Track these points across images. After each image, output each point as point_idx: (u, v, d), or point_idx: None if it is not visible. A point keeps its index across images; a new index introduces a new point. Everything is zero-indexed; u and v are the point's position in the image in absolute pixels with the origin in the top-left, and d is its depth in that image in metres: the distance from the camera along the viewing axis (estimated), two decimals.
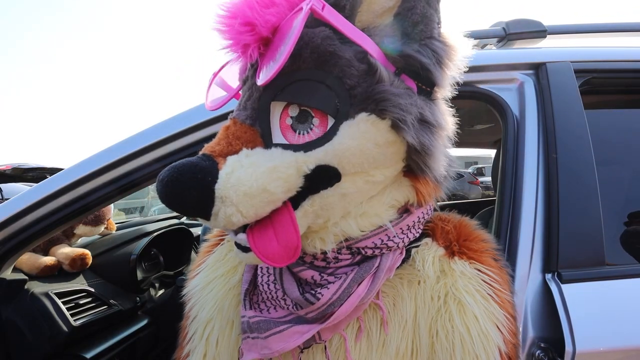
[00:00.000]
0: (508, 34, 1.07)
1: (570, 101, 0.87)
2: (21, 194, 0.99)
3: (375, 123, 0.51)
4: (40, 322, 1.17)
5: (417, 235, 0.64)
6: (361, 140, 0.51)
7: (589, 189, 0.81)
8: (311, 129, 0.51)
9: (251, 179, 0.48)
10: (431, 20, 0.53)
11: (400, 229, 0.60)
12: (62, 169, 1.00)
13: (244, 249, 0.53)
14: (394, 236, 0.59)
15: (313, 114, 0.51)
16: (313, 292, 0.57)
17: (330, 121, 0.51)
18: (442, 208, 0.71)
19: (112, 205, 1.70)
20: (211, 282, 0.72)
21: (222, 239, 0.76)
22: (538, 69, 0.92)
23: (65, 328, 1.19)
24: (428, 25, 0.53)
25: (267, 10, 0.49)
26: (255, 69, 0.53)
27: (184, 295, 0.75)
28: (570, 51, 0.96)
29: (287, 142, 0.51)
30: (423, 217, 0.64)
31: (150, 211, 4.00)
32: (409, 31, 0.52)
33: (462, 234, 0.65)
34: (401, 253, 0.63)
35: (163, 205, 3.95)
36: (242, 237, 0.52)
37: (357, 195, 0.55)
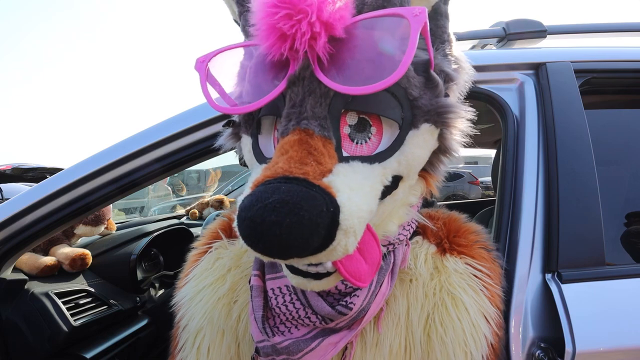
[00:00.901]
0: (508, 34, 1.07)
1: (570, 101, 0.87)
2: (21, 194, 0.99)
3: (433, 132, 0.53)
4: (40, 322, 1.17)
5: (415, 226, 0.67)
6: (424, 150, 0.54)
7: (589, 189, 0.81)
8: (369, 138, 0.50)
9: (364, 202, 0.44)
10: (451, 37, 0.58)
11: (407, 222, 0.64)
12: (62, 169, 1.00)
13: (316, 276, 0.49)
14: (403, 229, 0.62)
15: (371, 123, 0.50)
16: (344, 303, 0.56)
17: (388, 130, 0.51)
18: (438, 207, 0.72)
19: (111, 205, 1.70)
20: (200, 291, 0.70)
21: (210, 247, 0.75)
22: (538, 69, 0.92)
23: (65, 328, 1.19)
24: (449, 39, 0.57)
25: (338, 8, 0.44)
26: (310, 70, 0.47)
27: (173, 305, 0.75)
28: (570, 51, 0.96)
29: (358, 155, 0.49)
30: (419, 208, 0.67)
31: (150, 211, 4.00)
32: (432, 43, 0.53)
33: (451, 230, 0.69)
34: (407, 245, 0.66)
35: (163, 205, 3.96)
36: (329, 265, 0.46)
37: (402, 199, 0.57)
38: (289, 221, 0.38)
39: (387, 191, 0.51)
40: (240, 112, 0.52)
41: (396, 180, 0.52)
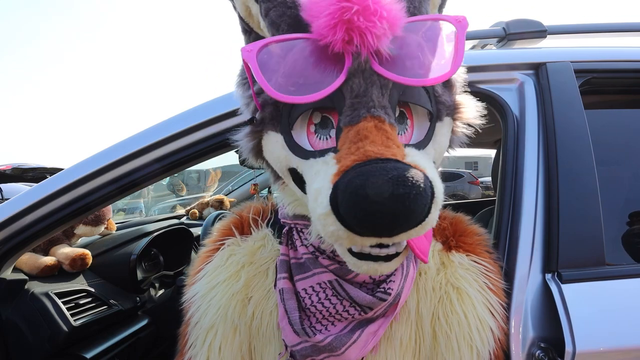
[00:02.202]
0: (508, 34, 1.07)
1: (570, 101, 0.87)
2: (21, 194, 0.98)
3: (450, 125, 0.59)
4: (40, 322, 1.17)
5: None
6: (447, 140, 0.59)
7: (589, 189, 0.81)
8: (407, 129, 0.55)
9: (439, 179, 0.48)
10: None
11: None
12: (62, 169, 1.00)
13: (386, 259, 0.50)
14: None
15: (407, 115, 0.55)
16: (382, 289, 0.59)
17: (417, 123, 0.56)
18: (443, 207, 0.72)
19: (111, 205, 1.70)
20: (214, 288, 0.70)
21: (223, 244, 0.75)
22: (538, 69, 0.92)
23: (65, 328, 1.19)
24: None
25: (397, 8, 0.47)
26: (369, 63, 0.48)
27: (183, 302, 0.75)
28: (570, 51, 0.96)
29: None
30: None
31: (150, 211, 4.00)
32: None
33: (457, 230, 0.72)
34: None
35: (163, 205, 3.95)
36: (403, 244, 0.50)
37: None
38: (414, 193, 0.40)
39: None
40: (303, 101, 0.52)
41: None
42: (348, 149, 0.46)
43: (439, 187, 0.45)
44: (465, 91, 0.64)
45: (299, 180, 0.56)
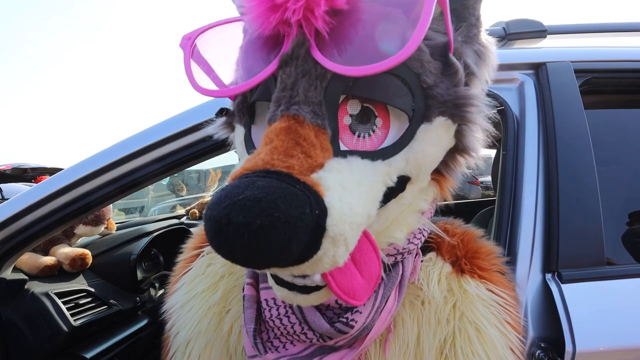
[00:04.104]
0: (508, 34, 1.07)
1: (570, 101, 0.87)
2: (21, 194, 0.99)
3: (449, 128, 0.46)
4: (40, 322, 1.17)
5: (427, 234, 0.60)
6: (438, 147, 0.46)
7: (589, 189, 0.81)
8: (373, 131, 0.43)
9: (360, 204, 0.37)
10: (479, 20, 0.49)
11: (419, 229, 0.56)
12: (62, 169, 1.00)
13: (304, 290, 0.42)
14: (414, 237, 0.55)
15: (376, 113, 0.43)
16: (344, 319, 0.50)
17: (396, 123, 0.44)
18: (442, 208, 0.71)
19: (111, 205, 1.70)
20: (190, 300, 0.66)
21: (201, 251, 0.70)
22: (538, 69, 0.92)
23: (65, 328, 1.19)
24: (477, 25, 0.48)
25: None
26: (306, 47, 0.40)
27: (163, 313, 0.71)
28: (570, 51, 0.96)
29: (358, 149, 0.42)
30: (431, 216, 0.60)
31: (150, 211, 4.00)
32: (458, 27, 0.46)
33: (470, 249, 0.62)
34: (417, 254, 0.60)
35: (163, 205, 3.95)
36: (317, 278, 0.40)
37: (410, 204, 0.50)
38: (259, 223, 0.31)
39: (392, 194, 0.44)
40: (225, 94, 0.46)
41: (403, 181, 0.45)
42: (252, 154, 0.38)
43: (338, 217, 0.34)
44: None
45: None
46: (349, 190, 0.37)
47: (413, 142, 0.43)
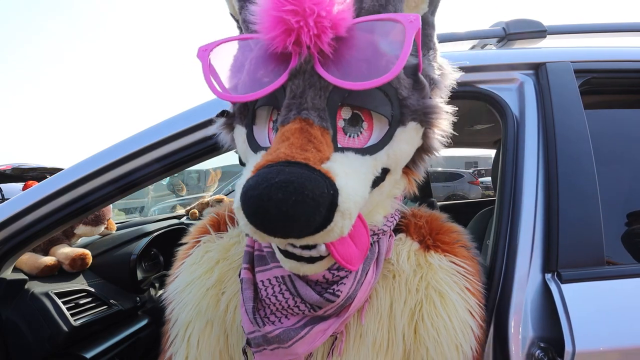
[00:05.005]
0: (508, 34, 1.07)
1: (570, 101, 0.88)
2: (21, 194, 0.99)
3: (418, 130, 0.57)
4: (40, 322, 1.17)
5: (398, 218, 0.71)
6: (410, 146, 0.58)
7: (588, 189, 0.81)
8: (361, 132, 0.54)
9: (360, 187, 0.48)
10: (436, 45, 0.62)
11: (391, 214, 0.68)
12: (62, 169, 1.00)
13: (309, 260, 0.52)
14: (387, 220, 0.66)
15: (363, 118, 0.54)
16: (331, 290, 0.59)
17: (377, 126, 0.55)
18: (442, 208, 0.72)
19: (111, 205, 1.70)
20: (189, 284, 0.72)
21: (199, 241, 0.77)
22: (538, 69, 0.92)
23: (65, 328, 1.19)
24: (434, 47, 0.61)
25: (342, 9, 0.48)
26: (311, 64, 0.50)
27: (164, 300, 0.76)
28: (570, 51, 0.96)
29: (350, 146, 0.52)
30: (401, 202, 0.72)
31: (150, 211, 4.00)
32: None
33: (434, 228, 0.72)
34: (391, 235, 0.70)
35: (163, 205, 3.95)
36: (322, 248, 0.51)
37: (387, 191, 0.61)
38: (294, 199, 0.40)
39: (376, 182, 0.55)
40: (243, 100, 0.55)
41: (384, 172, 0.56)
42: (271, 149, 0.47)
43: (346, 196, 0.44)
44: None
45: None
46: (350, 176, 0.47)
47: (392, 142, 0.55)
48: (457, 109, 0.60)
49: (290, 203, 0.40)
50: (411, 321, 0.65)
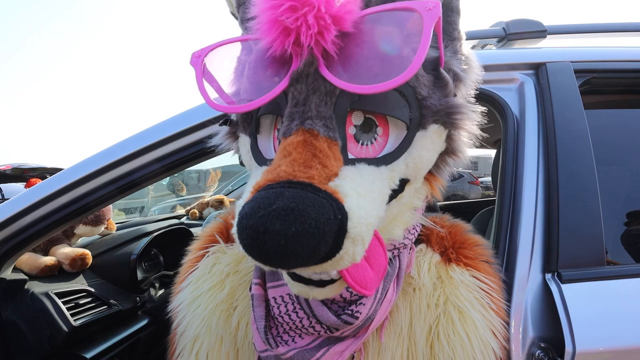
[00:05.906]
0: (508, 34, 1.07)
1: (570, 101, 0.87)
2: (21, 194, 0.99)
3: (441, 134, 0.51)
4: (40, 322, 1.17)
5: (419, 230, 0.65)
6: (432, 152, 0.51)
7: (589, 189, 0.81)
8: (375, 139, 0.48)
9: (373, 207, 0.42)
10: (461, 33, 0.54)
11: (413, 225, 0.62)
12: (62, 169, 1.00)
13: (319, 284, 0.46)
14: (409, 233, 0.60)
15: (377, 123, 0.48)
16: (350, 312, 0.54)
17: (394, 131, 0.48)
18: (442, 208, 0.72)
19: (111, 205, 1.70)
20: (198, 297, 0.68)
21: (207, 252, 0.73)
22: (538, 69, 0.92)
23: (65, 328, 1.19)
24: (459, 36, 0.54)
25: (346, 1, 0.41)
26: (315, 66, 0.43)
27: (169, 311, 0.73)
28: (570, 51, 0.96)
29: (363, 157, 0.46)
30: (423, 212, 0.65)
31: (150, 211, 4.00)
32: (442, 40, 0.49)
33: (457, 240, 0.67)
34: (412, 249, 0.64)
35: (163, 205, 3.95)
36: (333, 272, 0.44)
37: (407, 202, 0.55)
38: (294, 230, 0.35)
39: (394, 195, 0.48)
40: (239, 111, 0.49)
41: (403, 183, 0.49)
42: (271, 166, 0.41)
43: (357, 220, 0.38)
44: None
45: None
46: (363, 195, 0.41)
47: (411, 148, 0.48)
48: (484, 109, 0.54)
49: (289, 235, 0.34)
50: (429, 338, 0.60)
